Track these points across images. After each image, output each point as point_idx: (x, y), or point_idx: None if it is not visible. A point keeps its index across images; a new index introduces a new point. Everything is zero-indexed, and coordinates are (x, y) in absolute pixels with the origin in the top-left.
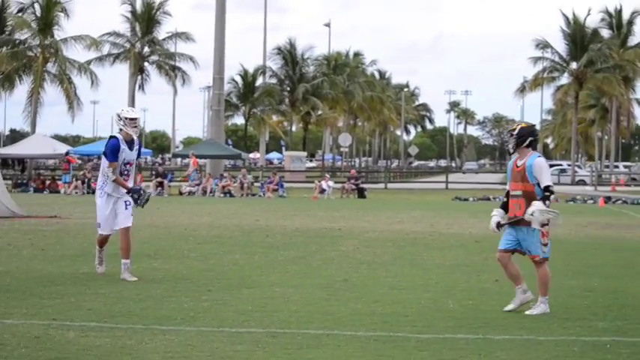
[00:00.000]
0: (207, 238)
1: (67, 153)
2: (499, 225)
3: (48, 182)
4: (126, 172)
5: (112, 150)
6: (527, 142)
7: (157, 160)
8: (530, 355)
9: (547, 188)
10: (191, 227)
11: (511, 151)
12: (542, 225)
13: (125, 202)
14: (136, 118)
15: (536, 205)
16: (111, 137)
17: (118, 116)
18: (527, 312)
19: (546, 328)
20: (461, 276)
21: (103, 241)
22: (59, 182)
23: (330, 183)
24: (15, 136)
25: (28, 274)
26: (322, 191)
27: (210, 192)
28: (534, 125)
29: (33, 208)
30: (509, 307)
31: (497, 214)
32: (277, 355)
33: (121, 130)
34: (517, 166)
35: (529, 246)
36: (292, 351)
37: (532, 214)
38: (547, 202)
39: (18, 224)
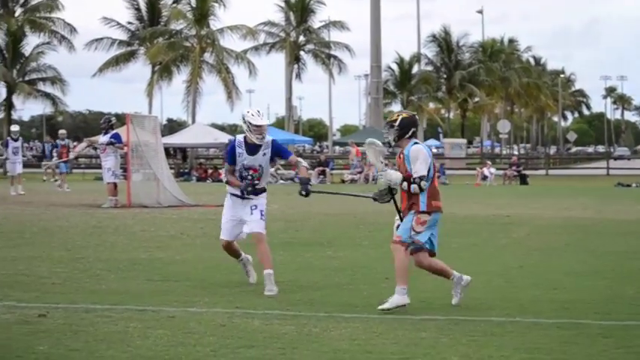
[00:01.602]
0: (378, 225)
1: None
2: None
3: (210, 171)
4: (249, 177)
5: (229, 152)
6: (409, 133)
7: (316, 149)
8: None
9: (419, 178)
10: (360, 215)
11: (392, 143)
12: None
13: (251, 206)
14: (261, 126)
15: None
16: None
17: (243, 118)
18: (379, 307)
19: None
20: (635, 263)
21: (228, 249)
22: (221, 171)
23: (492, 170)
24: (172, 126)
25: (205, 263)
26: (484, 178)
27: (373, 179)
28: (415, 114)
29: (198, 197)
30: (454, 300)
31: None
32: (462, 342)
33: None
34: (399, 158)
35: (400, 226)
36: (477, 338)
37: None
38: (408, 184)
39: (187, 213)
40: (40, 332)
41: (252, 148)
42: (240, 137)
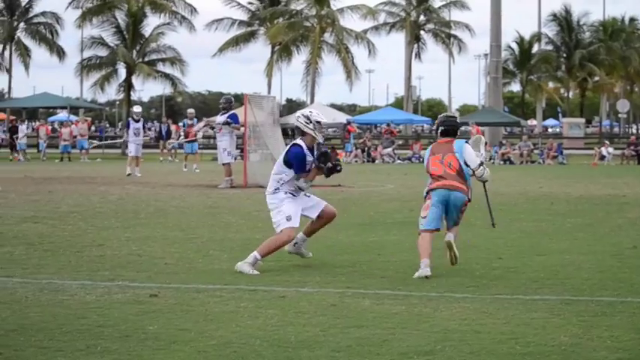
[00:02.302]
0: (494, 206)
1: (348, 122)
2: None
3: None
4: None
5: (301, 161)
6: (438, 131)
7: (434, 128)
8: None
9: None
10: (474, 194)
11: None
12: None
13: (306, 194)
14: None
15: None
16: (294, 145)
17: (308, 119)
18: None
19: None
20: None
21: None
22: (338, 151)
23: (610, 149)
24: (291, 106)
25: (318, 243)
26: (602, 158)
27: (490, 159)
28: (445, 115)
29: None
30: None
31: None
32: (573, 323)
33: (304, 135)
34: None
35: None
36: (587, 318)
37: None
38: None
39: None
40: (150, 312)
41: (312, 149)
42: (302, 144)
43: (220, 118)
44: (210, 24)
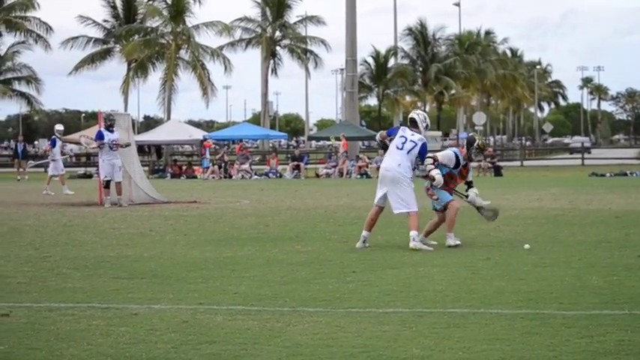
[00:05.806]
0: (348, 219)
1: (205, 139)
2: None
3: (184, 168)
4: None
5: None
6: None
7: (292, 143)
8: None
9: None
10: (330, 209)
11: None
12: None
13: None
14: None
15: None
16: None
17: (425, 118)
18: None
19: None
20: (603, 252)
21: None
22: (196, 167)
23: None
24: (149, 123)
25: (172, 260)
26: None
27: (347, 173)
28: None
29: (172, 193)
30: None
31: None
32: (425, 335)
33: (416, 127)
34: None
35: None
36: (439, 330)
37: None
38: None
39: (158, 210)
40: (1, 332)
41: None
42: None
43: (113, 136)
44: (65, 42)
